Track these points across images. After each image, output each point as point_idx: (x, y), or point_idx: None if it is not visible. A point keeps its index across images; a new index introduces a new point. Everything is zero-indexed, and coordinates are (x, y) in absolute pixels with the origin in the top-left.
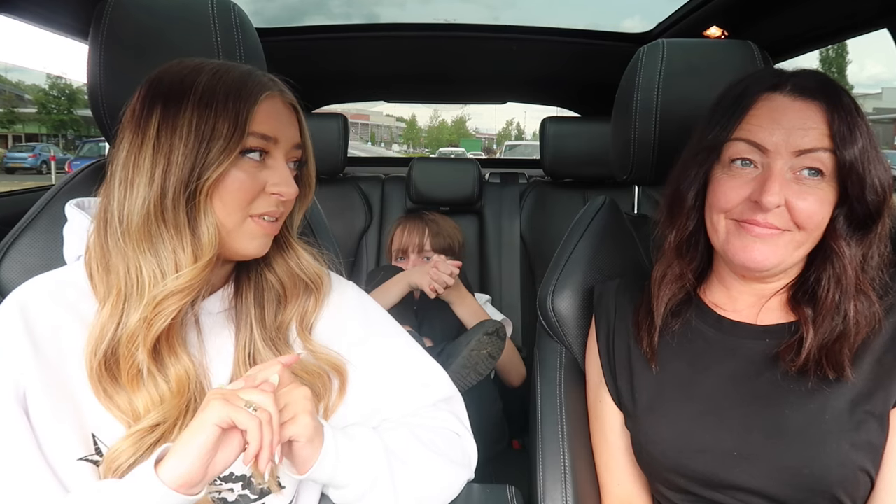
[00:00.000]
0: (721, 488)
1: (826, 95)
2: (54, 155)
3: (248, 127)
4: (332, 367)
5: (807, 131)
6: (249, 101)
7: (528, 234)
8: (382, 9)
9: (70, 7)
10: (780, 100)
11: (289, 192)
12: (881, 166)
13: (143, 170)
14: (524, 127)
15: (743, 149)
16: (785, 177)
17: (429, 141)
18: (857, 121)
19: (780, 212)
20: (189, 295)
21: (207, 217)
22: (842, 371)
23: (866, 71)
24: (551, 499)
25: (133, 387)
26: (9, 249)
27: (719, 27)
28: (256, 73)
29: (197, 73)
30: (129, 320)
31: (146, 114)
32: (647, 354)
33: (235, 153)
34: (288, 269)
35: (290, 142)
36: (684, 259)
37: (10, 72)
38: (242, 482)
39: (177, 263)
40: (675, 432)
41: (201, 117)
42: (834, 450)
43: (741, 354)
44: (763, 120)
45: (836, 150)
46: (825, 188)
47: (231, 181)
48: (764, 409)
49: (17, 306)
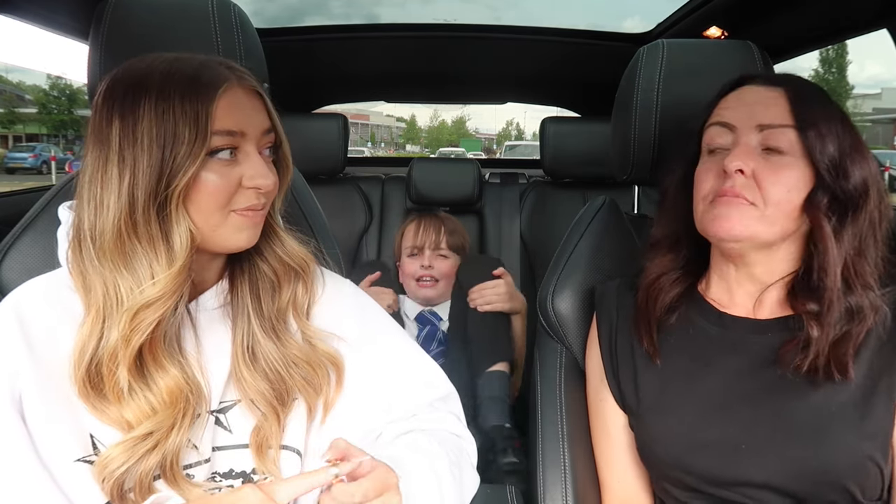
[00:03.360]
0: (728, 483)
1: (792, 84)
2: (55, 155)
3: (210, 127)
4: (329, 360)
5: (769, 107)
6: (207, 99)
7: (528, 235)
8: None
9: (70, 7)
10: (749, 88)
11: (266, 183)
12: (858, 155)
13: (110, 186)
14: (524, 127)
15: (715, 132)
16: (752, 149)
17: (429, 141)
18: (825, 107)
19: (749, 183)
20: (166, 304)
21: (180, 225)
22: (845, 373)
23: (866, 71)
24: (551, 499)
25: (121, 402)
26: (9, 250)
27: (719, 27)
28: (211, 64)
29: (149, 76)
30: (109, 338)
31: (106, 125)
32: (650, 351)
33: (201, 156)
34: (276, 256)
35: (259, 130)
36: (677, 255)
37: (11, 72)
38: (243, 479)
39: (153, 275)
40: (681, 429)
41: (160, 124)
42: (841, 440)
43: (744, 349)
44: (731, 102)
45: (798, 126)
46: (795, 167)
47: (203, 185)
48: (769, 402)
49: (11, 309)
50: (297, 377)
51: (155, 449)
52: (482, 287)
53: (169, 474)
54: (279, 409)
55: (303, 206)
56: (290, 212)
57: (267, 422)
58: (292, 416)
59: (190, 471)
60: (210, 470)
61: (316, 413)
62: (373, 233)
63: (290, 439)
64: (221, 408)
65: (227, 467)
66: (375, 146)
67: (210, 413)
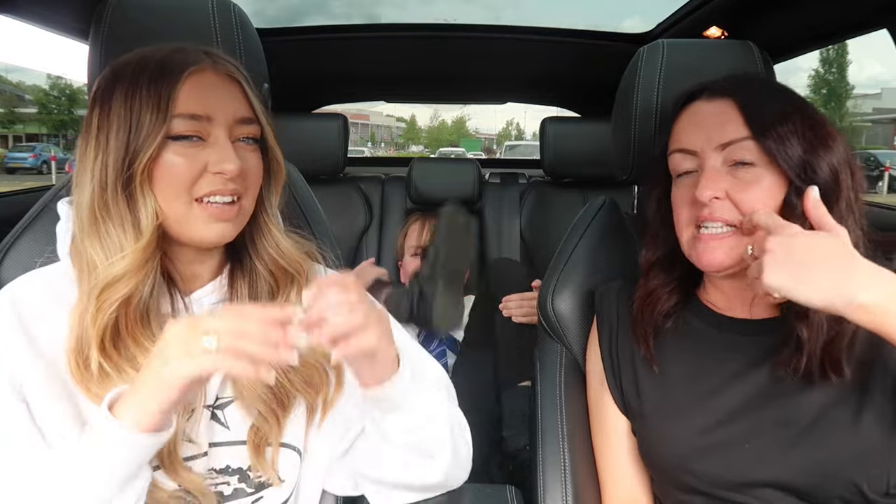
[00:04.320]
0: (732, 484)
1: (739, 91)
2: (55, 155)
3: (171, 110)
4: (328, 360)
5: (723, 125)
6: (171, 83)
7: (528, 235)
8: (382, 9)
9: (70, 7)
10: (698, 105)
11: (230, 168)
12: (822, 144)
13: (87, 167)
14: (524, 127)
15: (678, 159)
16: (719, 171)
17: (429, 141)
18: (779, 103)
19: (724, 205)
20: (131, 281)
21: (146, 203)
22: (839, 371)
23: (866, 71)
24: (551, 499)
25: (108, 383)
26: (9, 249)
27: (719, 27)
28: (184, 50)
29: (127, 64)
30: (84, 319)
31: (90, 113)
32: (648, 359)
33: (160, 138)
34: (272, 258)
35: (231, 116)
36: (670, 274)
37: (11, 72)
38: (239, 475)
39: (122, 250)
40: (684, 432)
41: (127, 109)
42: (841, 435)
43: (742, 351)
44: (685, 125)
45: (755, 137)
46: (765, 176)
47: (165, 167)
48: (769, 403)
49: (8, 301)
50: (295, 380)
51: None
52: (523, 297)
53: (167, 463)
54: (279, 413)
55: (303, 206)
56: (290, 211)
57: (266, 423)
58: (292, 415)
59: (188, 464)
60: (208, 465)
61: (316, 412)
62: (373, 233)
63: (290, 438)
64: (218, 404)
65: (223, 463)
66: (375, 146)
67: (205, 408)
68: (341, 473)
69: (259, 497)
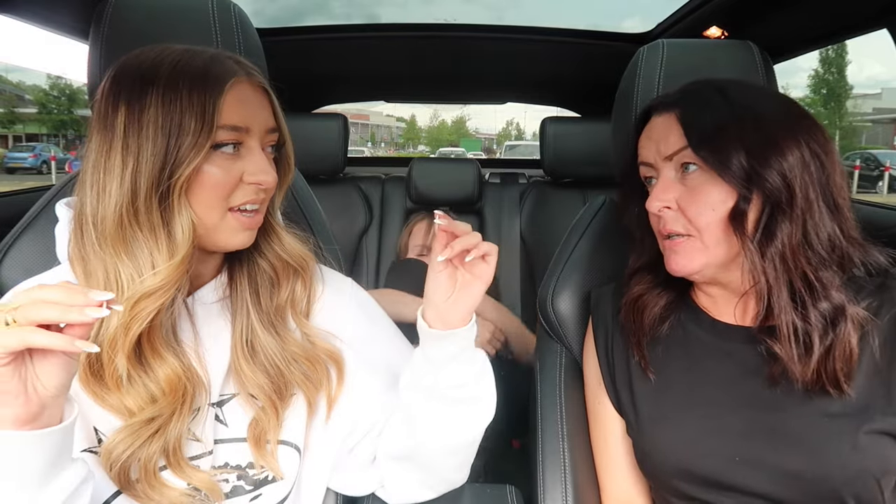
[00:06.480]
0: (727, 492)
1: (682, 103)
2: (55, 155)
3: (216, 121)
4: (329, 357)
5: (667, 137)
6: (215, 93)
7: (528, 235)
8: (383, 9)
9: (70, 7)
10: (654, 119)
11: (267, 180)
12: (771, 149)
13: (113, 172)
14: (524, 127)
15: (644, 171)
16: (670, 181)
17: (428, 141)
18: (718, 111)
19: (676, 216)
20: (166, 294)
21: (182, 215)
22: (838, 387)
23: (866, 71)
24: (551, 499)
25: (120, 389)
26: (9, 249)
27: (719, 27)
28: (220, 58)
29: (158, 65)
30: (108, 325)
31: (111, 112)
32: (642, 364)
33: (206, 149)
34: (275, 254)
35: (264, 127)
36: (657, 276)
37: (11, 72)
38: (238, 473)
39: (153, 264)
40: (679, 439)
41: (166, 114)
42: (835, 452)
43: (737, 358)
44: (643, 139)
45: (692, 147)
46: (713, 183)
47: (205, 177)
48: (764, 413)
49: None
50: (296, 372)
51: (157, 434)
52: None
53: (174, 462)
54: (277, 404)
55: (303, 206)
56: (290, 211)
57: (265, 415)
58: (291, 411)
59: (194, 462)
60: (213, 462)
61: (317, 409)
62: (373, 233)
63: (289, 435)
64: (220, 401)
65: (222, 460)
66: (375, 146)
67: (210, 406)
68: (347, 471)
69: (258, 494)
